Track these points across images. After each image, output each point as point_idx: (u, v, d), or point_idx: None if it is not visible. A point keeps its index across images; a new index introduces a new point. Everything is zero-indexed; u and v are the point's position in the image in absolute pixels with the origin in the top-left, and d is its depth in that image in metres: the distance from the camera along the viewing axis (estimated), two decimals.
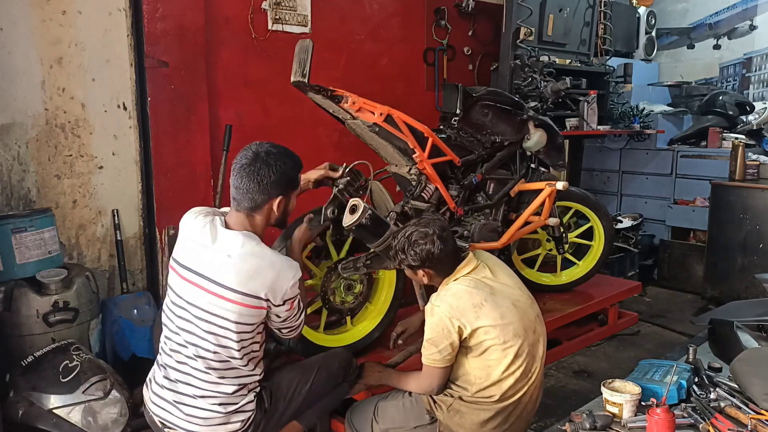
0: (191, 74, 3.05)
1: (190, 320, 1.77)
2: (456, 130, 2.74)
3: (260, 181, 1.78)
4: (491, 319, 1.85)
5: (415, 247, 1.91)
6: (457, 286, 1.92)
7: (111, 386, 2.27)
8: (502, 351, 1.86)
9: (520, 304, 1.94)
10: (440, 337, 1.86)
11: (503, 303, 1.90)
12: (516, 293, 1.98)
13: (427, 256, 1.90)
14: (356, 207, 2.23)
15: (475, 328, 1.84)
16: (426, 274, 1.97)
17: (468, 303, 1.86)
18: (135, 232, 3.04)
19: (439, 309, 1.87)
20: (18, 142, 2.66)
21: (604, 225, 3.35)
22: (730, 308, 2.74)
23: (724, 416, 1.69)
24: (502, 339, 1.85)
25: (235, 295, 1.72)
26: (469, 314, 1.84)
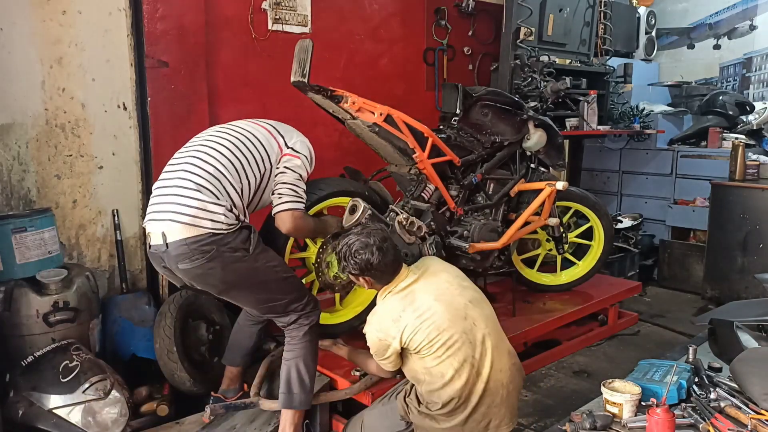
0: (191, 74, 3.05)
1: (219, 131, 2.18)
2: (456, 130, 2.75)
3: None
4: (411, 325, 1.94)
5: (355, 257, 2.00)
6: (379, 308, 2.05)
7: (111, 386, 2.27)
8: (431, 349, 1.93)
9: (444, 297, 2.00)
10: (380, 350, 2.03)
11: (422, 304, 1.97)
12: (441, 287, 2.04)
13: (366, 266, 1.99)
14: (356, 207, 2.24)
15: (402, 339, 1.95)
16: (366, 281, 2.06)
17: (388, 320, 1.98)
18: (135, 232, 3.04)
19: (369, 334, 2.04)
20: (18, 142, 2.67)
21: (604, 225, 3.35)
22: (730, 308, 2.74)
23: (724, 416, 1.69)
24: (428, 338, 1.92)
25: (269, 126, 2.25)
26: (392, 330, 1.96)
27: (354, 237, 2.04)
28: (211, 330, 2.75)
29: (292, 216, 2.14)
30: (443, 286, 2.05)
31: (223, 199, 2.00)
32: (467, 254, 2.70)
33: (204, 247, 1.94)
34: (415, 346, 1.94)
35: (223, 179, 2.02)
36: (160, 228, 1.97)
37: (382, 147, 2.54)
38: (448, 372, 1.93)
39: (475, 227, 2.75)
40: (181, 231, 1.94)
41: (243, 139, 2.14)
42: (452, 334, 1.93)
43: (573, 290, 3.42)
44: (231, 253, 1.98)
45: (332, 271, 2.54)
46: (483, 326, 2.00)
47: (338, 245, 2.08)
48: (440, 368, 1.93)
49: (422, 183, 2.59)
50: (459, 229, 2.77)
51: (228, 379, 2.48)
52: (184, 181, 2.00)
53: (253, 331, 2.44)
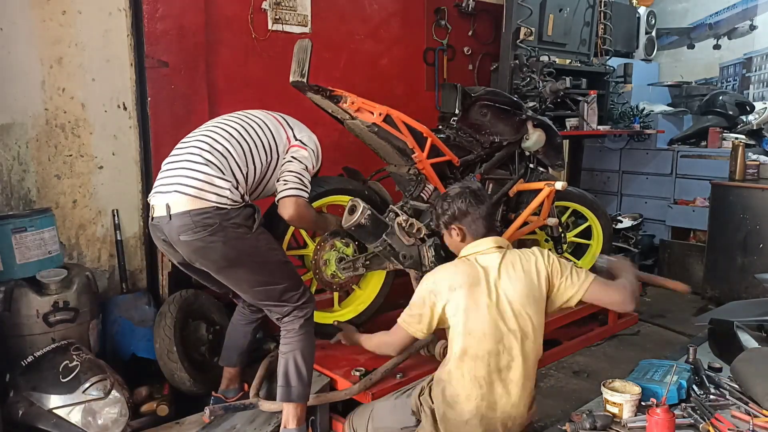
0: (191, 74, 3.06)
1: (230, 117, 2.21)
2: (455, 130, 2.75)
3: None
4: (455, 305, 1.87)
5: (453, 201, 1.99)
6: (448, 266, 1.99)
7: (111, 386, 2.27)
8: (458, 335, 1.87)
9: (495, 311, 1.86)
10: (418, 303, 1.95)
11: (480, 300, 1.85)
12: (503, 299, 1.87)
13: (461, 209, 1.97)
14: (355, 207, 2.24)
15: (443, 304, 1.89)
16: (459, 231, 1.99)
17: (446, 282, 1.90)
18: (135, 232, 3.04)
19: (424, 282, 1.96)
20: (18, 142, 2.67)
21: (602, 224, 3.35)
22: (730, 308, 2.74)
23: (724, 416, 1.69)
24: (464, 332, 1.86)
25: (279, 116, 2.30)
26: (444, 291, 1.89)
27: (452, 187, 2.08)
28: (211, 330, 2.75)
29: (295, 202, 2.14)
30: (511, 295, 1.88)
31: (229, 176, 2.03)
32: None
33: (207, 220, 1.95)
34: (451, 324, 1.90)
35: (230, 158, 2.06)
36: (164, 200, 1.99)
37: (381, 147, 2.54)
38: (456, 374, 1.89)
39: None
40: (186, 203, 1.95)
41: (253, 125, 2.19)
42: (477, 346, 1.84)
43: None
44: (234, 228, 1.99)
45: (330, 269, 2.54)
46: (510, 358, 1.87)
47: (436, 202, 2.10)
48: (451, 369, 1.90)
49: (421, 183, 2.59)
50: None
51: (227, 379, 2.48)
52: (192, 156, 2.04)
53: (248, 330, 2.44)
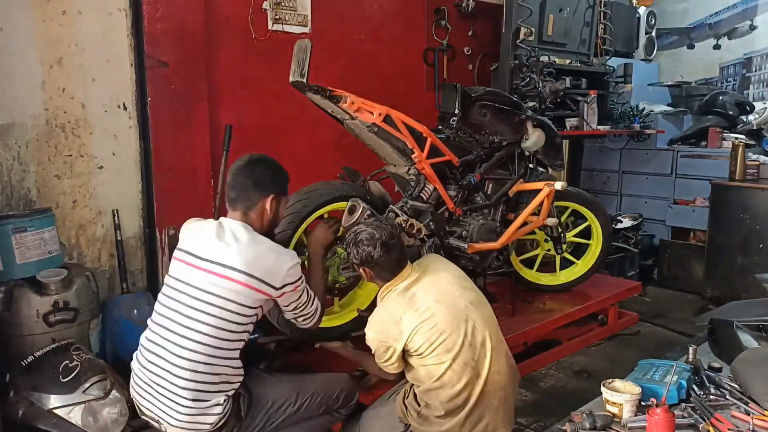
0: (191, 74, 3.05)
1: (189, 303, 1.82)
2: (455, 131, 2.75)
3: (255, 178, 1.93)
4: (412, 326, 1.93)
5: (359, 246, 2.01)
6: (379, 310, 2.04)
7: (111, 386, 2.27)
8: (431, 350, 1.92)
9: (445, 298, 1.99)
10: (380, 354, 2.02)
11: (423, 304, 1.96)
12: (442, 287, 2.03)
13: (367, 258, 2.00)
14: (355, 207, 2.24)
15: (403, 342, 1.94)
16: (366, 273, 2.07)
17: (389, 323, 1.97)
18: (135, 232, 3.04)
19: (370, 336, 2.03)
20: (18, 142, 2.67)
21: (602, 223, 3.35)
22: (730, 308, 2.73)
23: (724, 416, 1.69)
24: (428, 340, 1.92)
25: (240, 275, 1.80)
26: (393, 332, 1.96)
27: (363, 227, 2.05)
28: None
29: (318, 320, 2.12)
30: (444, 285, 2.05)
31: (216, 394, 1.83)
32: (466, 254, 2.70)
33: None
34: (415, 348, 1.94)
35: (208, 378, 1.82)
36: (157, 416, 1.88)
37: (381, 147, 2.54)
38: (447, 374, 1.92)
39: (473, 227, 2.75)
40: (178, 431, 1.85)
41: (215, 318, 1.80)
42: (453, 336, 1.93)
43: (573, 290, 3.42)
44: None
45: (331, 275, 2.54)
46: (483, 328, 2.00)
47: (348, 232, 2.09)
48: (440, 370, 1.93)
49: (421, 183, 2.58)
50: (458, 229, 2.77)
51: None
52: (170, 385, 1.81)
53: None
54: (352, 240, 2.04)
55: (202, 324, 1.79)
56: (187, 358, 1.79)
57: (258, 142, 3.38)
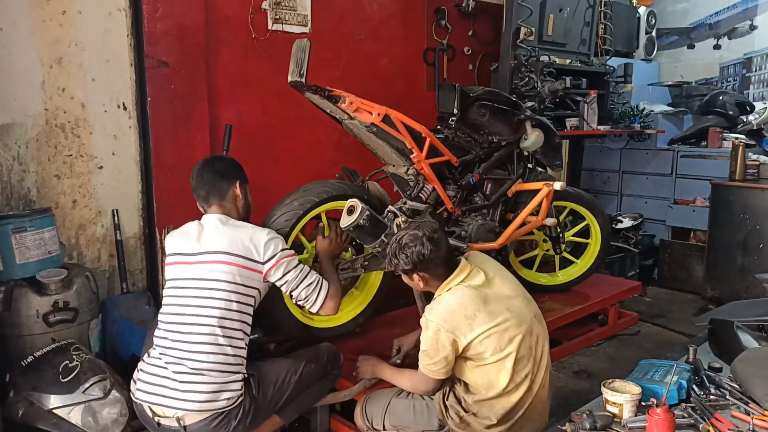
0: (191, 74, 3.05)
1: (196, 294, 1.96)
2: (453, 131, 2.74)
3: (216, 170, 2.12)
4: (485, 329, 1.85)
5: (405, 251, 1.90)
6: (449, 298, 1.91)
7: (111, 386, 2.27)
8: (500, 360, 1.87)
9: (515, 308, 1.94)
10: (434, 350, 1.89)
11: (497, 309, 1.89)
12: (511, 296, 1.98)
13: (418, 259, 1.89)
14: (354, 208, 2.23)
15: (470, 340, 1.85)
16: (421, 278, 1.96)
17: (461, 315, 1.86)
18: (135, 232, 3.04)
19: (433, 323, 1.88)
20: (18, 142, 2.67)
21: (600, 223, 3.35)
22: (730, 308, 2.74)
23: (724, 416, 1.69)
24: (498, 347, 1.86)
25: (226, 256, 1.96)
26: (463, 326, 1.85)
27: (402, 232, 1.96)
28: None
29: (331, 302, 2.15)
30: (511, 295, 1.97)
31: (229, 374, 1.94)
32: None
33: (222, 421, 1.93)
34: (479, 351, 1.85)
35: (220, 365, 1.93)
36: (171, 413, 1.93)
37: (380, 147, 2.54)
38: (509, 385, 1.88)
39: (472, 227, 2.74)
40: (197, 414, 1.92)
41: (223, 301, 1.94)
42: (521, 349, 1.88)
43: (573, 290, 3.42)
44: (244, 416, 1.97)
45: None
46: (543, 342, 1.97)
47: (389, 244, 2.00)
48: (501, 379, 1.88)
49: (420, 183, 2.58)
50: (457, 229, 2.77)
51: None
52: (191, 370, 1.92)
53: None
54: (396, 249, 1.93)
55: (213, 308, 1.93)
56: (204, 342, 1.91)
57: (258, 142, 3.38)
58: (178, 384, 1.91)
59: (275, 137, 3.46)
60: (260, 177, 3.36)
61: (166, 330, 2.00)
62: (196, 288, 1.98)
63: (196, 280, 1.98)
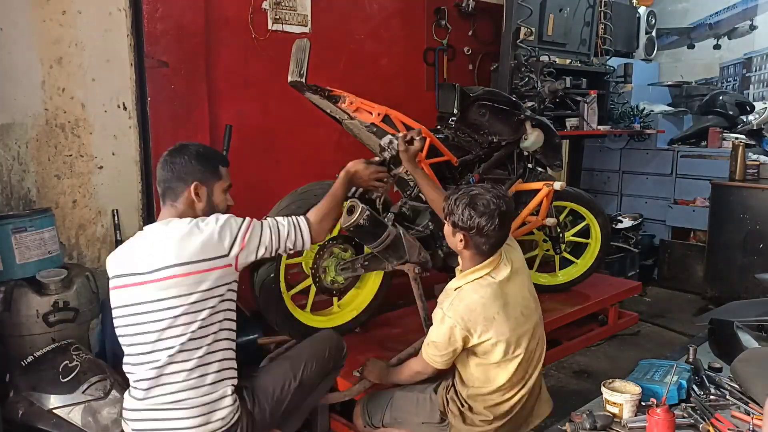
0: (191, 74, 3.05)
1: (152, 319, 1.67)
2: (453, 130, 2.75)
3: (173, 168, 1.81)
4: (500, 333, 1.84)
5: (475, 209, 1.79)
6: (472, 296, 1.84)
7: (111, 386, 2.27)
8: (505, 362, 1.88)
9: (528, 311, 1.95)
10: (444, 344, 1.87)
11: (513, 314, 1.89)
12: (525, 298, 1.98)
13: (478, 227, 1.79)
14: (354, 208, 2.23)
15: (483, 340, 1.85)
16: (463, 240, 1.84)
17: (480, 316, 1.82)
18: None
19: (450, 320, 1.83)
20: (18, 142, 2.67)
21: (600, 223, 3.35)
22: (730, 308, 2.74)
23: (724, 416, 1.69)
24: (508, 351, 1.87)
25: (180, 268, 1.65)
26: (480, 326, 1.82)
27: (483, 191, 1.82)
28: None
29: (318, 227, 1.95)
30: (526, 296, 1.97)
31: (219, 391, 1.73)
32: None
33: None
34: (488, 351, 1.85)
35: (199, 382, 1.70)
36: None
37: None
38: (505, 383, 1.90)
39: None
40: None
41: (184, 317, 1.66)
42: (526, 353, 1.90)
43: (573, 290, 3.42)
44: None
45: (329, 275, 2.54)
46: (542, 345, 2.00)
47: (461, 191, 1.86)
48: (500, 377, 1.89)
49: None
50: None
51: None
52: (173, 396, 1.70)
53: None
54: (467, 201, 1.79)
55: (175, 328, 1.66)
56: (180, 368, 1.68)
57: (258, 142, 3.38)
58: (163, 413, 1.71)
59: (275, 137, 3.46)
60: (260, 177, 3.38)
61: (131, 364, 1.74)
62: (152, 311, 1.67)
63: (150, 302, 1.67)
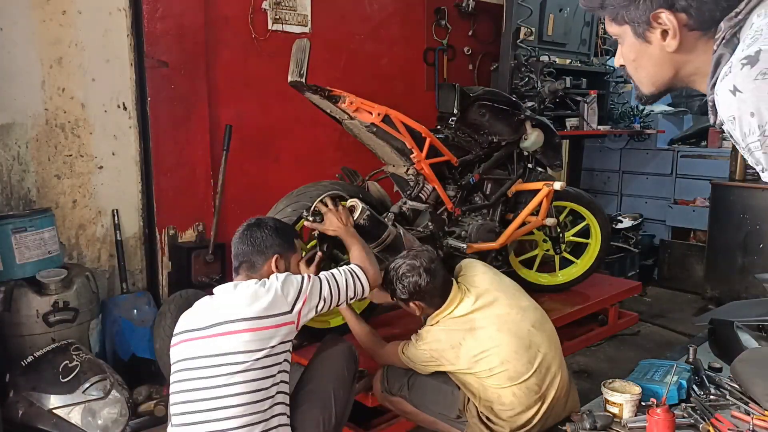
0: (191, 74, 3.06)
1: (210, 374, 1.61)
2: (453, 130, 2.74)
3: (254, 242, 1.83)
4: (471, 354, 1.88)
5: (403, 280, 1.95)
6: (436, 330, 1.96)
7: (111, 386, 2.27)
8: (492, 376, 1.87)
9: (507, 326, 1.91)
10: (420, 362, 1.99)
11: (484, 335, 1.90)
12: (502, 313, 1.95)
13: (414, 289, 1.94)
14: (354, 207, 2.22)
15: (457, 366, 1.91)
16: (417, 306, 2.00)
17: (446, 345, 1.91)
18: (135, 232, 3.04)
19: (422, 348, 1.96)
20: (18, 142, 2.67)
21: (600, 223, 3.35)
22: (730, 308, 2.74)
23: (724, 416, 1.69)
24: (488, 369, 1.87)
25: (247, 323, 1.62)
26: (449, 355, 1.91)
27: (400, 260, 2.00)
28: None
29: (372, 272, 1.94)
30: (504, 312, 1.95)
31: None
32: (465, 255, 2.69)
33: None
34: (474, 371, 1.89)
35: None
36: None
37: (380, 147, 2.54)
38: (508, 398, 1.88)
39: (472, 227, 2.74)
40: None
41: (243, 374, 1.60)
42: (518, 366, 1.87)
43: (573, 290, 3.42)
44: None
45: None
46: (547, 352, 1.94)
47: (385, 272, 2.02)
48: (500, 394, 1.88)
49: (420, 183, 2.58)
50: (457, 229, 2.77)
51: None
52: None
53: None
54: (393, 277, 1.97)
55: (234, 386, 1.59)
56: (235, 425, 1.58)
57: (258, 142, 3.38)
58: None
59: (275, 137, 3.46)
60: (260, 177, 3.38)
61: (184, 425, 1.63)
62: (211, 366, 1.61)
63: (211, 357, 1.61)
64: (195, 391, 1.62)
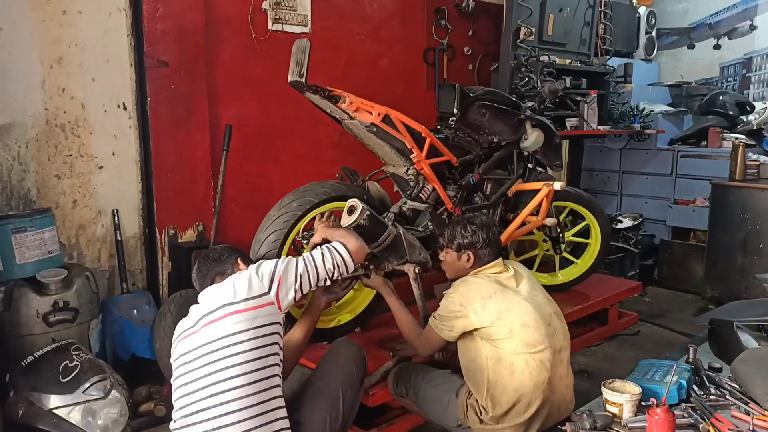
0: (191, 74, 3.06)
1: (209, 360, 1.64)
2: (453, 130, 2.74)
3: (212, 260, 1.89)
4: (496, 310, 1.94)
5: (472, 226, 2.14)
6: (472, 279, 2.09)
7: (111, 386, 2.27)
8: (511, 339, 1.91)
9: (534, 300, 2.04)
10: (447, 315, 2.04)
11: (512, 298, 2.00)
12: (531, 292, 2.08)
13: (477, 239, 2.12)
14: (354, 207, 2.22)
15: (480, 319, 1.94)
16: (470, 257, 2.13)
17: (477, 293, 2.00)
18: (135, 232, 3.04)
19: (453, 296, 2.04)
20: (18, 142, 2.67)
21: (600, 223, 3.35)
22: (730, 308, 2.74)
23: (724, 416, 1.69)
24: (508, 330, 1.92)
25: (232, 306, 1.68)
26: (476, 304, 1.97)
27: (471, 215, 2.27)
28: None
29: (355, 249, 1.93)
30: (533, 292, 2.09)
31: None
32: None
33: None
34: (492, 332, 1.93)
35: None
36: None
37: (380, 147, 2.54)
38: (521, 366, 1.89)
39: None
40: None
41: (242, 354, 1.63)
42: (536, 334, 1.93)
43: (573, 290, 3.42)
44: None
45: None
46: (562, 338, 2.03)
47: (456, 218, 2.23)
48: (515, 360, 1.90)
49: (420, 183, 2.58)
50: None
51: None
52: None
53: None
54: (464, 224, 2.15)
55: (234, 367, 1.62)
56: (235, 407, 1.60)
57: (258, 142, 3.38)
58: None
59: (275, 137, 3.46)
60: (260, 177, 3.38)
61: (188, 413, 1.65)
62: (209, 353, 1.64)
63: (206, 345, 1.65)
64: (193, 382, 1.65)
